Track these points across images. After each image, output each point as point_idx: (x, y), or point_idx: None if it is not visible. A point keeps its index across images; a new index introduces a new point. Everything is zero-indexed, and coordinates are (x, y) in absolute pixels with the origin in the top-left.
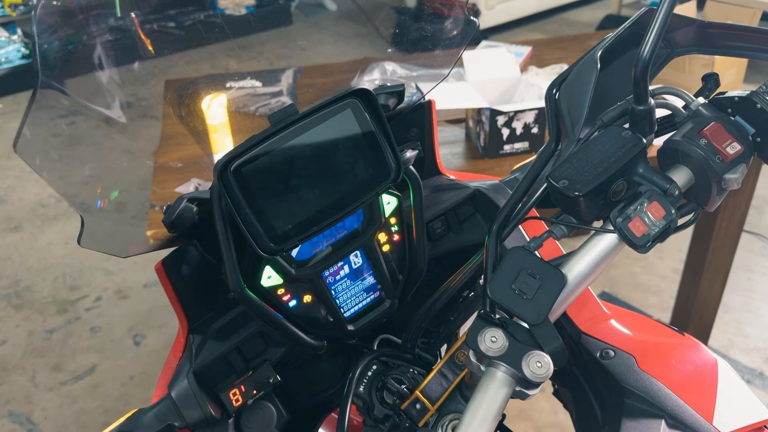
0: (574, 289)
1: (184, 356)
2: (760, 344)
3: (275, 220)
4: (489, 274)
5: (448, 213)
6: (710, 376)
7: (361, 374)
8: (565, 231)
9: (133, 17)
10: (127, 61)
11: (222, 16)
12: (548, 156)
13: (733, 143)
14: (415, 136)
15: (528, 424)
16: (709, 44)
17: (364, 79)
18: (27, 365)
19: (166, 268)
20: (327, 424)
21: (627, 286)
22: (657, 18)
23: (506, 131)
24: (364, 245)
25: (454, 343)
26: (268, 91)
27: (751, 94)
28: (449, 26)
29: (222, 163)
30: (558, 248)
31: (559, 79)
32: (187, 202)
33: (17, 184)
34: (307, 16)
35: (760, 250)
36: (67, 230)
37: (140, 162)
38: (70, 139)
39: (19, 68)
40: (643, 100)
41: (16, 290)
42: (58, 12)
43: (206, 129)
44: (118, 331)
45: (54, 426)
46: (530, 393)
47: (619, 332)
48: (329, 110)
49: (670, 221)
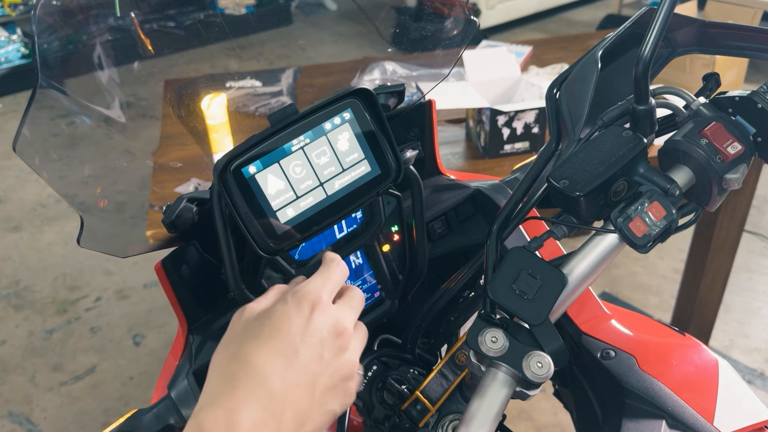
0: (575, 290)
1: (184, 356)
2: (760, 344)
3: (275, 220)
4: (489, 274)
5: (449, 213)
6: (711, 377)
7: (362, 374)
8: (566, 231)
9: (133, 17)
10: (126, 61)
11: (222, 16)
12: (549, 156)
13: (734, 143)
14: (416, 136)
15: (528, 424)
16: (709, 44)
17: (364, 79)
18: (27, 365)
19: (166, 269)
20: None
21: (628, 286)
22: (658, 18)
23: (507, 131)
24: (365, 245)
25: (455, 344)
26: (268, 90)
27: (752, 94)
28: (449, 26)
29: (222, 163)
30: (558, 248)
31: (559, 78)
32: (187, 202)
33: (17, 184)
34: (307, 16)
35: (761, 250)
36: (67, 230)
37: (140, 162)
38: (69, 139)
39: (18, 68)
40: (644, 99)
41: (16, 290)
42: (57, 12)
43: (206, 129)
44: (118, 331)
45: (54, 426)
46: (531, 393)
47: (619, 332)
48: (329, 110)
49: (670, 221)
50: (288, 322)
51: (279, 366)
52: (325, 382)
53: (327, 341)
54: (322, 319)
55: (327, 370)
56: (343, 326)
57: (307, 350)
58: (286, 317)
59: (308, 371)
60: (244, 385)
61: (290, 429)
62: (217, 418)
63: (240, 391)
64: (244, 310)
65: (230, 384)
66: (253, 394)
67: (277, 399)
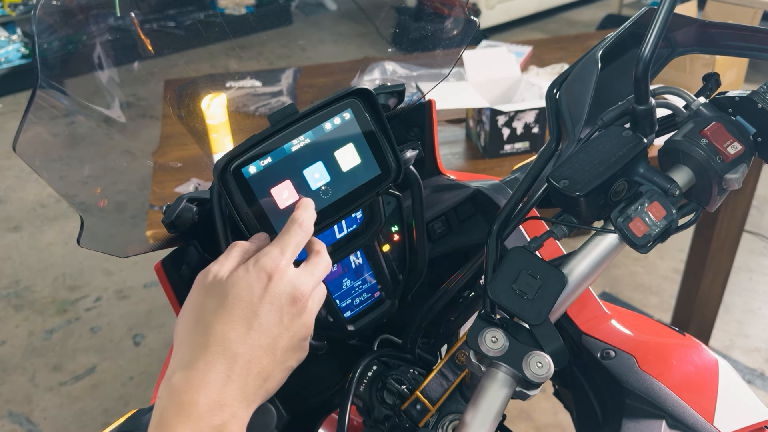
0: (575, 290)
1: None
2: (760, 344)
3: (275, 220)
4: (489, 274)
5: (449, 213)
6: (711, 377)
7: (362, 374)
8: (566, 231)
9: (133, 17)
10: (126, 61)
11: (222, 16)
12: (549, 156)
13: (734, 143)
14: (416, 136)
15: (528, 424)
16: (709, 44)
17: (364, 79)
18: (27, 365)
19: (166, 269)
20: (327, 424)
21: (628, 287)
22: (658, 18)
23: (507, 131)
24: (365, 245)
25: (455, 344)
26: (268, 90)
27: (752, 94)
28: (449, 26)
29: (222, 163)
30: (558, 248)
31: (559, 78)
32: (187, 202)
33: (17, 184)
34: (307, 16)
35: (761, 250)
36: (67, 230)
37: (140, 162)
38: (69, 139)
39: (18, 68)
40: (644, 99)
41: (16, 290)
42: (57, 12)
43: (206, 129)
44: (118, 332)
45: (54, 426)
46: (531, 393)
47: (619, 332)
48: (329, 110)
49: (670, 221)
50: (249, 291)
51: (242, 331)
52: (285, 343)
53: (285, 307)
54: (280, 286)
55: (286, 332)
56: (300, 292)
57: (267, 316)
58: (246, 286)
59: (269, 335)
60: (213, 350)
61: (255, 385)
62: (190, 379)
63: (209, 355)
64: (207, 272)
65: (199, 350)
66: (221, 358)
67: (242, 359)
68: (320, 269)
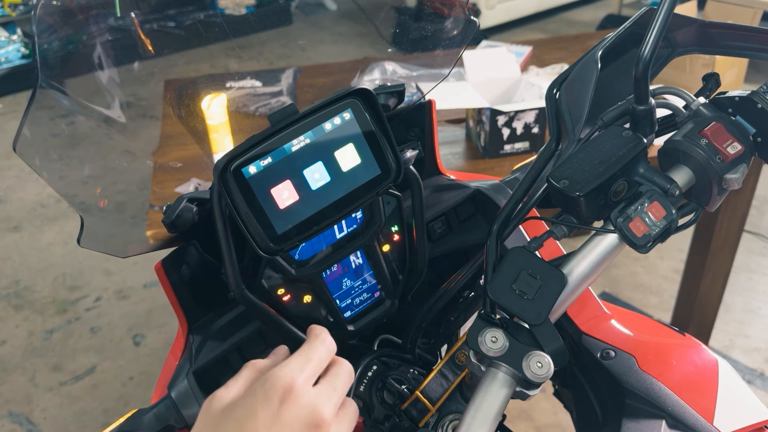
0: (575, 290)
1: (184, 356)
2: (760, 344)
3: (275, 220)
4: (489, 274)
5: (449, 213)
6: (711, 377)
7: (362, 374)
8: (566, 231)
9: (133, 17)
10: (126, 61)
11: (222, 16)
12: (549, 156)
13: (734, 143)
14: (416, 136)
15: (528, 424)
16: (709, 44)
17: (364, 79)
18: (27, 365)
19: (166, 269)
20: None
21: (628, 287)
22: (658, 18)
23: (507, 131)
24: (365, 245)
25: (455, 344)
26: (268, 91)
27: (752, 94)
28: (449, 26)
29: (222, 164)
30: (558, 248)
31: (559, 78)
32: (187, 202)
33: (17, 184)
34: (307, 16)
35: (761, 250)
36: (67, 230)
37: (140, 162)
38: (69, 139)
39: (18, 68)
40: (644, 99)
41: (16, 290)
42: (58, 12)
43: (206, 129)
44: (118, 332)
45: (54, 426)
46: (531, 393)
47: (619, 332)
48: (329, 110)
49: (670, 221)
50: (254, 420)
51: None
52: None
53: None
54: (293, 411)
55: None
56: (320, 417)
57: None
58: (251, 414)
59: None
60: None
61: None
62: None
63: None
64: (213, 398)
65: None
66: None
67: None
68: (342, 381)
